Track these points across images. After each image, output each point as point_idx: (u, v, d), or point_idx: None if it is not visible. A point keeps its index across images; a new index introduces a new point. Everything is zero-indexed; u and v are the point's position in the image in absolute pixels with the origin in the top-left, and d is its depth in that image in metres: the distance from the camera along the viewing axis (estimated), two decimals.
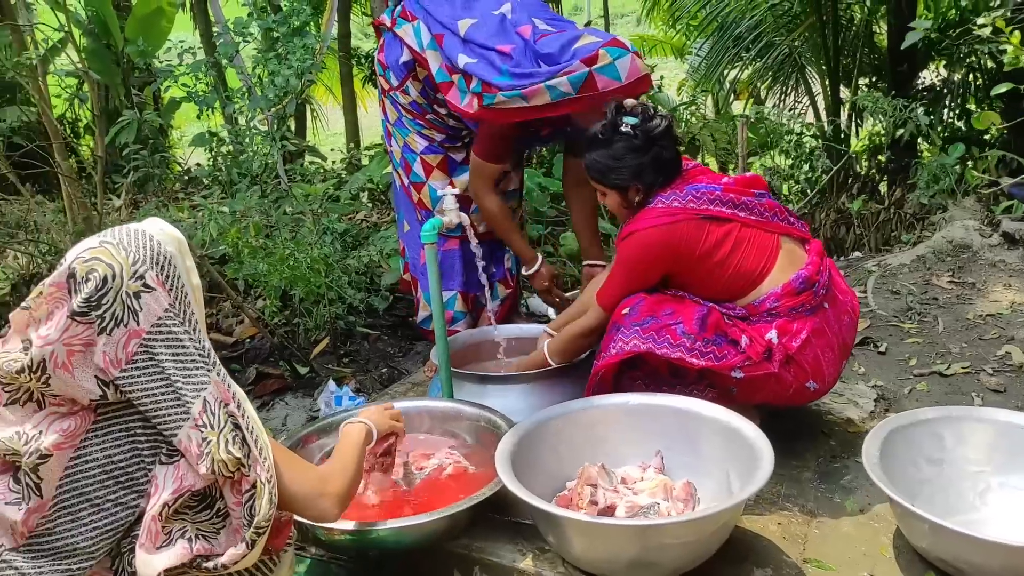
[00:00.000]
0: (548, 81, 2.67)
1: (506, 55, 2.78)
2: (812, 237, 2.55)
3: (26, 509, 1.43)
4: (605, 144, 2.42)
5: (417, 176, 3.22)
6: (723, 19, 7.90)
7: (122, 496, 1.47)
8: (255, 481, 1.49)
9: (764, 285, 2.35)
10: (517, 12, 2.94)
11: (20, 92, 6.72)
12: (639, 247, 2.38)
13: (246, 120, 4.62)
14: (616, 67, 2.66)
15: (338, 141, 9.52)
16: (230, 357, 3.81)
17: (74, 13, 7.24)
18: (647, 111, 2.42)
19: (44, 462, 1.43)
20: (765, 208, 2.42)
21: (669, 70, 10.97)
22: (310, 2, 7.51)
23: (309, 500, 1.64)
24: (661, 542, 1.90)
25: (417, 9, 3.03)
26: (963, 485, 2.21)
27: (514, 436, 2.21)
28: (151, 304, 1.47)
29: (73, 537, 1.45)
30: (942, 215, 4.89)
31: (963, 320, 3.65)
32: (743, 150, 4.63)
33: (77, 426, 1.46)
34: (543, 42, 2.80)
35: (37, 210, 5.05)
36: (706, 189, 2.37)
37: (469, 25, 2.89)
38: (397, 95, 3.17)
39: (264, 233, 4.20)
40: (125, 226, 1.55)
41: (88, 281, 1.43)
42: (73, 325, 1.43)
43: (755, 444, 2.06)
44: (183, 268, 1.55)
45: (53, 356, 1.43)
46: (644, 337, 2.30)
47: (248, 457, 1.49)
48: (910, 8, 6.53)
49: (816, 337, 2.35)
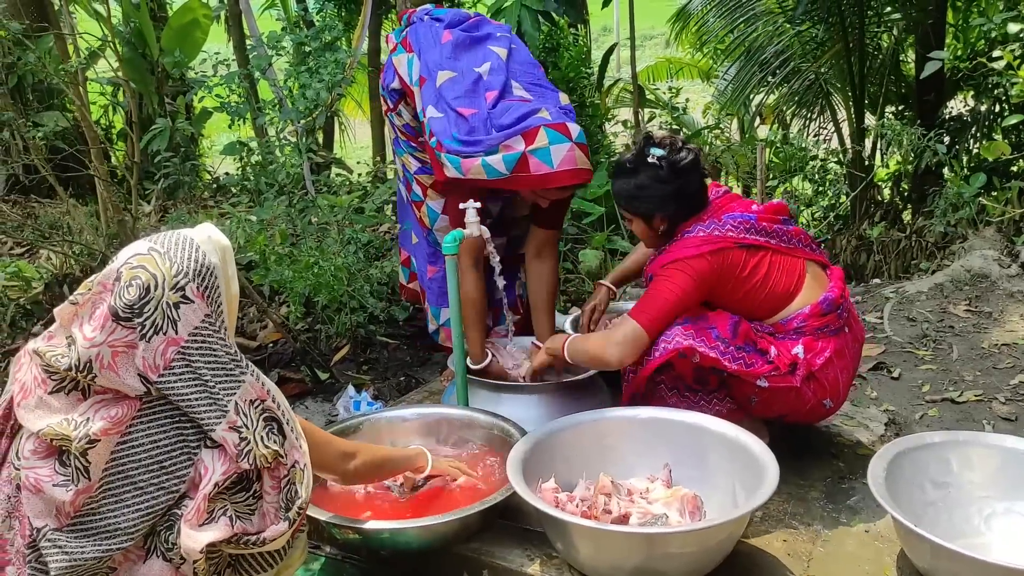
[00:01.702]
0: (486, 158, 2.67)
1: (464, 119, 2.77)
2: (831, 264, 2.61)
3: (75, 491, 1.50)
4: (632, 173, 2.47)
5: (416, 195, 3.26)
6: (750, 44, 7.97)
7: (165, 481, 1.55)
8: (291, 466, 1.62)
9: (792, 305, 2.43)
10: (495, 73, 2.89)
11: (58, 98, 6.90)
12: (688, 274, 2.39)
13: (276, 131, 4.72)
14: (550, 152, 2.63)
15: (364, 154, 9.64)
16: (253, 360, 3.89)
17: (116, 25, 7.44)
18: (675, 143, 2.46)
19: (92, 447, 1.50)
20: (792, 235, 2.50)
21: (695, 93, 11.02)
22: (342, 18, 7.68)
23: (335, 461, 1.96)
24: (666, 551, 1.94)
25: (415, 42, 3.06)
26: (968, 509, 2.23)
27: (526, 444, 2.27)
28: (189, 315, 1.56)
29: (116, 518, 1.53)
30: (961, 244, 4.90)
31: (978, 349, 3.66)
32: (762, 174, 4.67)
33: (124, 413, 1.54)
34: (501, 108, 2.77)
35: (72, 212, 5.18)
36: (742, 218, 2.43)
37: (445, 79, 2.89)
38: (393, 116, 3.22)
39: (290, 241, 4.29)
40: (176, 232, 1.64)
41: (131, 287, 1.53)
42: (118, 328, 1.52)
43: (761, 460, 2.11)
44: (224, 278, 1.64)
45: (99, 357, 1.52)
46: (686, 334, 2.36)
47: (285, 445, 1.62)
48: (938, 37, 6.56)
49: (838, 357, 2.42)
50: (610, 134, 7.07)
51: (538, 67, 3.06)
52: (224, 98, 4.69)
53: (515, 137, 2.67)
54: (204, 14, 7.80)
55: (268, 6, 9.68)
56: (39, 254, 5.56)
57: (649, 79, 10.85)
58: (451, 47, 2.98)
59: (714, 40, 8.57)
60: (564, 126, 2.69)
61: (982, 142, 6.66)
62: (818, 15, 7.02)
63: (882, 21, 7.13)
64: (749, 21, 7.92)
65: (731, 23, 8.03)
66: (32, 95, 7.43)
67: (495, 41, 3.04)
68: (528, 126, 2.68)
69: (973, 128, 6.76)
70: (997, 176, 5.83)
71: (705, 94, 11.21)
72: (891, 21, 7.14)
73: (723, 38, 8.40)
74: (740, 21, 7.96)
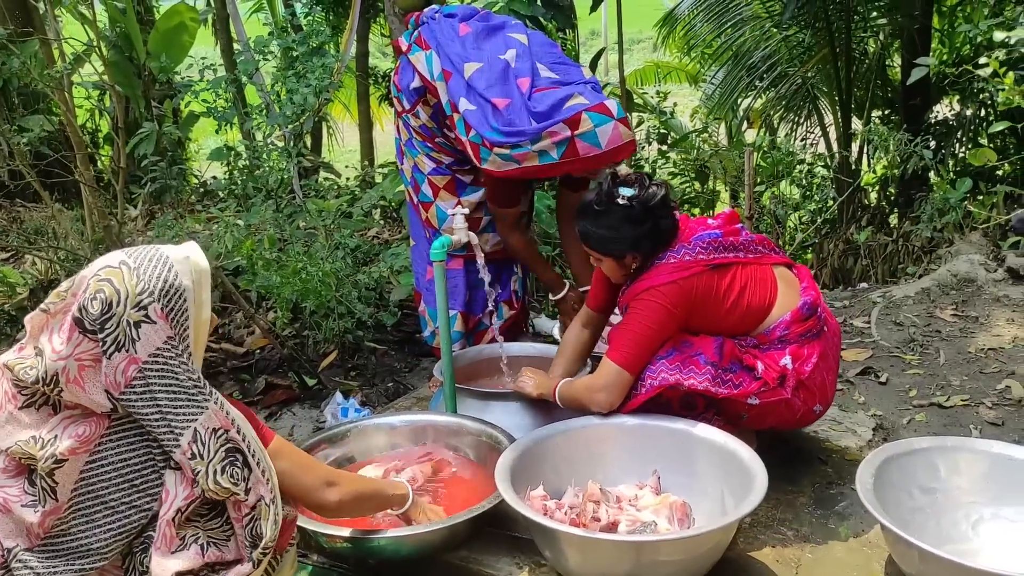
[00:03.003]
0: (535, 146, 2.78)
1: (499, 111, 2.85)
2: (795, 263, 2.60)
3: (42, 512, 1.47)
4: (602, 215, 2.40)
5: (425, 196, 3.29)
6: (737, 48, 8.00)
7: (136, 499, 1.51)
8: (255, 504, 1.55)
9: (773, 314, 2.41)
10: (521, 59, 2.97)
11: (44, 102, 6.86)
12: (662, 304, 2.34)
13: (263, 136, 4.71)
14: (596, 134, 2.74)
15: (353, 158, 9.62)
16: (240, 367, 3.88)
17: (102, 29, 7.40)
18: (643, 181, 2.41)
19: (60, 466, 1.47)
20: (755, 243, 2.48)
21: (683, 97, 11.06)
22: (330, 22, 7.68)
23: (315, 490, 1.77)
24: (654, 559, 1.94)
25: (431, 39, 3.10)
26: (956, 515, 2.23)
27: (514, 451, 2.26)
28: (150, 335, 1.50)
29: (87, 538, 1.50)
30: (948, 249, 4.93)
31: (965, 353, 3.68)
32: (750, 179, 4.68)
33: (92, 431, 1.50)
34: (537, 98, 2.86)
35: (57, 217, 5.15)
36: (710, 236, 2.40)
37: (474, 70, 2.95)
38: (408, 117, 3.25)
39: (278, 246, 4.27)
40: (154, 248, 1.59)
41: (95, 300, 1.48)
42: (84, 340, 1.48)
43: (750, 466, 2.11)
44: (194, 302, 1.56)
45: (65, 371, 1.47)
46: (671, 368, 2.33)
47: (248, 480, 1.55)
48: (924, 43, 6.60)
49: (822, 360, 2.41)
50: None
51: (555, 45, 3.16)
52: (211, 103, 4.67)
53: (559, 124, 2.75)
54: (191, 17, 7.76)
55: (256, 9, 9.65)
56: (24, 259, 5.53)
57: (637, 83, 10.86)
58: (472, 38, 3.07)
59: (702, 44, 8.60)
60: (603, 106, 2.79)
61: (968, 147, 6.70)
62: (805, 20, 7.05)
63: (868, 26, 7.17)
64: (736, 25, 7.95)
65: (718, 27, 8.06)
66: (17, 99, 7.38)
67: (512, 28, 3.15)
68: (570, 112, 2.76)
69: (959, 133, 6.80)
70: (983, 180, 5.86)
71: (693, 98, 11.25)
72: (877, 26, 7.18)
73: (711, 42, 8.43)
74: (727, 25, 7.99)
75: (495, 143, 2.83)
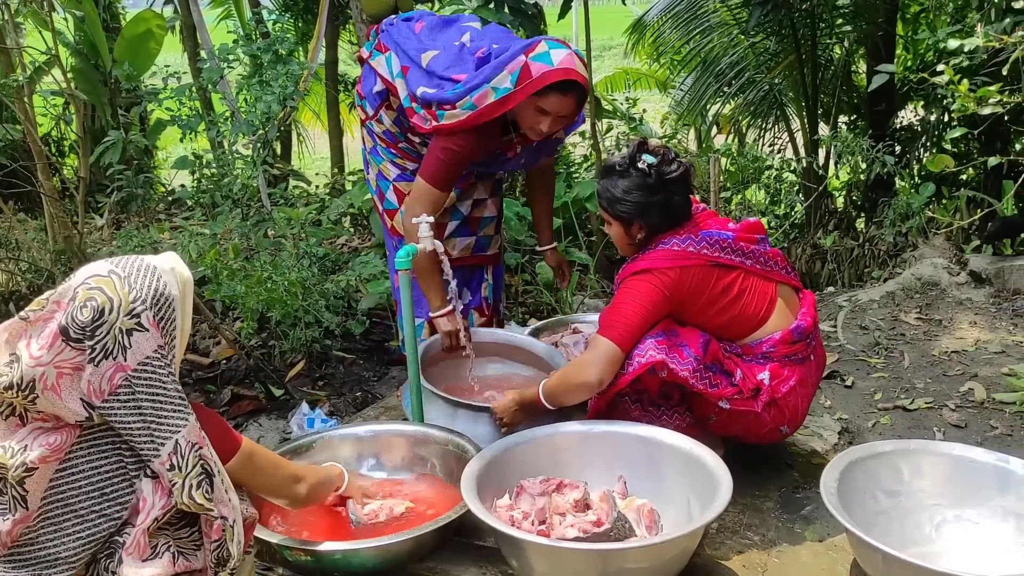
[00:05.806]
0: (491, 82, 2.73)
1: (459, 83, 2.84)
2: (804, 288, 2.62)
3: (11, 520, 1.46)
4: (619, 176, 2.45)
5: (390, 203, 3.28)
6: (705, 55, 8.04)
7: (106, 508, 1.51)
8: (223, 527, 1.57)
9: (763, 329, 2.43)
10: (476, 40, 3.00)
11: (5, 111, 6.75)
12: (653, 285, 2.37)
13: (228, 144, 4.66)
14: (549, 54, 2.68)
15: (324, 165, 9.56)
16: (206, 378, 3.83)
17: (63, 36, 7.30)
18: (667, 154, 2.45)
19: (30, 475, 1.46)
20: (768, 257, 2.50)
21: (653, 103, 11.11)
22: (299, 29, 7.63)
23: (286, 486, 1.93)
24: (621, 566, 1.94)
25: (389, 42, 3.11)
26: (920, 517, 2.25)
27: (480, 461, 2.25)
28: (142, 343, 1.51)
29: (55, 547, 1.48)
30: (912, 253, 4.99)
31: (929, 356, 3.73)
32: (715, 185, 4.71)
33: (63, 440, 1.50)
34: (493, 50, 2.85)
35: (18, 228, 5.06)
36: (719, 236, 2.42)
37: (432, 57, 2.95)
38: (372, 124, 3.24)
39: (245, 256, 4.23)
40: (140, 258, 1.59)
41: (85, 308, 1.48)
42: (66, 348, 1.47)
43: (715, 473, 2.11)
44: (181, 312, 1.59)
45: (43, 377, 1.47)
46: (659, 348, 2.33)
47: (214, 499, 1.56)
48: (888, 49, 6.68)
49: (800, 386, 2.43)
50: (568, 144, 7.08)
51: (510, 33, 3.15)
52: (175, 111, 4.62)
53: (518, 57, 2.71)
54: (158, 24, 7.67)
55: (224, 16, 9.57)
56: None
57: (607, 89, 10.89)
58: (427, 31, 3.08)
59: (670, 51, 8.63)
60: (563, 41, 2.77)
61: (932, 152, 6.78)
62: (771, 27, 7.10)
63: (834, 33, 7.24)
64: (704, 32, 7.99)
65: (687, 34, 8.09)
66: None
67: (466, 19, 3.17)
68: (529, 44, 2.73)
69: (923, 138, 6.89)
70: (946, 185, 5.95)
71: (662, 104, 11.29)
72: (842, 33, 7.25)
73: (679, 49, 8.46)
74: (696, 32, 8.02)
75: (458, 98, 2.78)
